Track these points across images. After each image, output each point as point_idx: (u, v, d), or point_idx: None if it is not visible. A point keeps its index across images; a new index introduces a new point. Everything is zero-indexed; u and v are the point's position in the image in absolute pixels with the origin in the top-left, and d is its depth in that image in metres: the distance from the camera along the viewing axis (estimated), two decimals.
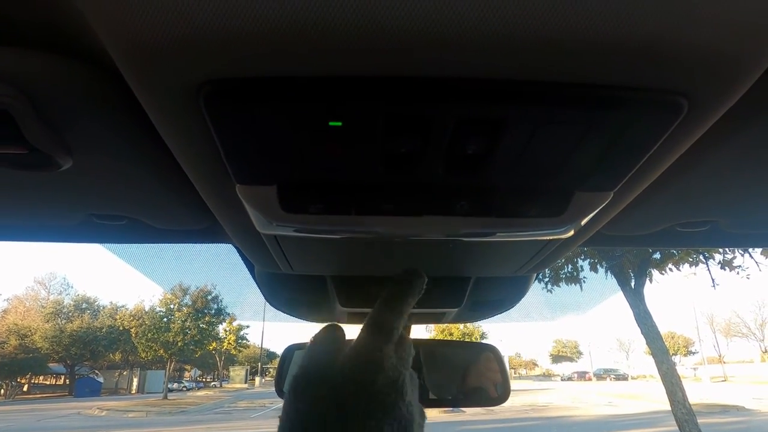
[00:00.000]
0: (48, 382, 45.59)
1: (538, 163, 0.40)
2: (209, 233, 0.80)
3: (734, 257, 7.36)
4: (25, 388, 40.30)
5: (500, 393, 1.19)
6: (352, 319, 1.18)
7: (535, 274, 1.03)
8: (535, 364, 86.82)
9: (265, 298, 1.25)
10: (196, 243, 0.86)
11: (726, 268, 7.40)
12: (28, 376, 40.13)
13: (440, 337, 31.55)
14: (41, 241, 0.80)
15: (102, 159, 0.52)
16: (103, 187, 0.60)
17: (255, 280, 1.15)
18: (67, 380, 42.50)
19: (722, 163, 0.52)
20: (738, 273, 7.47)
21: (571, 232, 0.51)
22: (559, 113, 0.34)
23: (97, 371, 44.22)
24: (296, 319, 1.40)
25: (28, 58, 0.38)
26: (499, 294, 1.11)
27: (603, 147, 0.37)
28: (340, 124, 0.34)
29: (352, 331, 0.54)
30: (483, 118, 0.34)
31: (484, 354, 1.30)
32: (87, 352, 38.55)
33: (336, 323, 0.55)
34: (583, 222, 0.49)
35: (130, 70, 0.32)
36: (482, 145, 0.37)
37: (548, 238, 0.55)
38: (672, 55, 0.29)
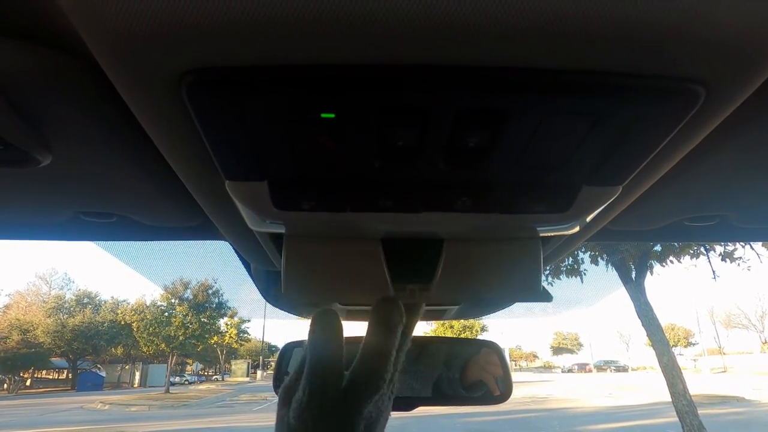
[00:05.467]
0: (50, 377, 45.90)
1: (544, 156, 0.37)
2: (202, 230, 0.77)
3: (735, 249, 7.35)
4: (27, 383, 40.53)
5: (502, 391, 1.17)
6: (351, 316, 1.17)
7: None
8: (536, 356, 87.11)
9: (263, 296, 1.23)
10: (188, 240, 0.84)
11: (727, 259, 7.40)
12: (30, 370, 40.40)
13: (441, 329, 31.70)
14: (28, 239, 0.78)
15: (84, 154, 0.50)
16: (87, 184, 0.58)
17: (251, 277, 1.13)
18: (70, 375, 42.82)
19: (732, 154, 0.50)
20: (739, 264, 7.46)
21: (577, 228, 0.49)
22: (567, 103, 0.31)
23: (99, 365, 44.51)
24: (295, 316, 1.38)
25: None
26: None
27: (613, 139, 0.35)
28: (332, 116, 0.32)
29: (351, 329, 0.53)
30: (486, 109, 0.32)
31: (484, 350, 1.28)
32: (89, 347, 38.80)
33: (330, 308, 0.54)
34: (590, 218, 0.47)
35: (105, 58, 0.29)
36: (485, 137, 0.35)
37: (553, 234, 0.52)
38: (691, 41, 0.27)
